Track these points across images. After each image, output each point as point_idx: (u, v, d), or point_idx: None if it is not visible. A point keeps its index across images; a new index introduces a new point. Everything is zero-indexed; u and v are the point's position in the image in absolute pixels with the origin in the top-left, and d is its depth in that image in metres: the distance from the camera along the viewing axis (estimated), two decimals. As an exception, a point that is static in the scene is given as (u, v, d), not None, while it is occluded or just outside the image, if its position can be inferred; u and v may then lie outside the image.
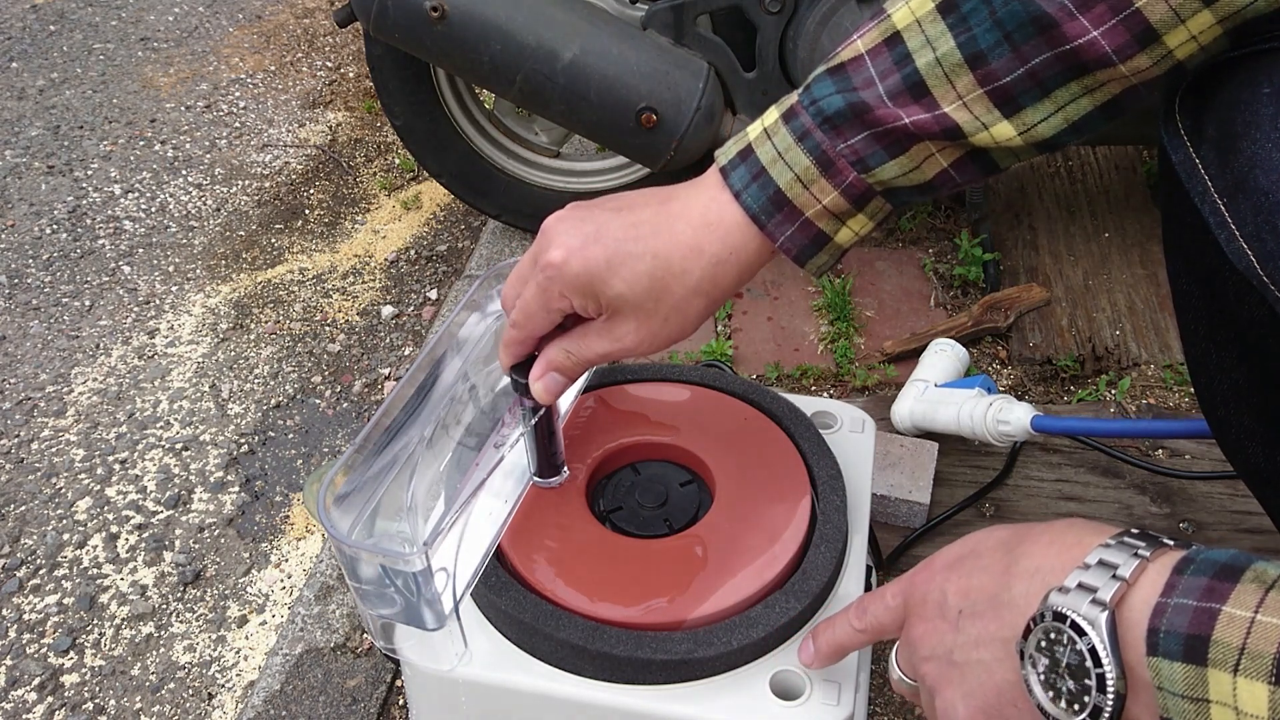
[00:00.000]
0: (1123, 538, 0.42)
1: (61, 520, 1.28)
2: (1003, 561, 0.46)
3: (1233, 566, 0.38)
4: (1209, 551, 0.40)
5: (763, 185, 0.57)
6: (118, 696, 1.07)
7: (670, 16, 1.29)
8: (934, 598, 0.49)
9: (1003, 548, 0.47)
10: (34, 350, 1.57)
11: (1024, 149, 0.54)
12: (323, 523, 0.55)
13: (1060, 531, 0.45)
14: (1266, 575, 0.37)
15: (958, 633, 0.47)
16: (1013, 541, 0.47)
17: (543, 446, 0.66)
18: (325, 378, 1.49)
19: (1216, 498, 1.05)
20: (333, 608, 1.05)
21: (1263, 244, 0.49)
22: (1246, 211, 0.49)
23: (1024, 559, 0.45)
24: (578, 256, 0.56)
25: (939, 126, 0.53)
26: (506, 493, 0.66)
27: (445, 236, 1.78)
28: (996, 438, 1.00)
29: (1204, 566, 0.39)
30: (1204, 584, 0.38)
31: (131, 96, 2.31)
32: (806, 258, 0.59)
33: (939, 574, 0.49)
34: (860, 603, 0.55)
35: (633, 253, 0.57)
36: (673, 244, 0.57)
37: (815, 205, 0.57)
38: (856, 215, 0.58)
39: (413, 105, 1.43)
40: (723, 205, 0.58)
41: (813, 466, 0.71)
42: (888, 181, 0.56)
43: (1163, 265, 1.38)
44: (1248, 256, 0.50)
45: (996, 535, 0.48)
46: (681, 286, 0.58)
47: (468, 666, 0.62)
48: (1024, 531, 0.47)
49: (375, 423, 0.63)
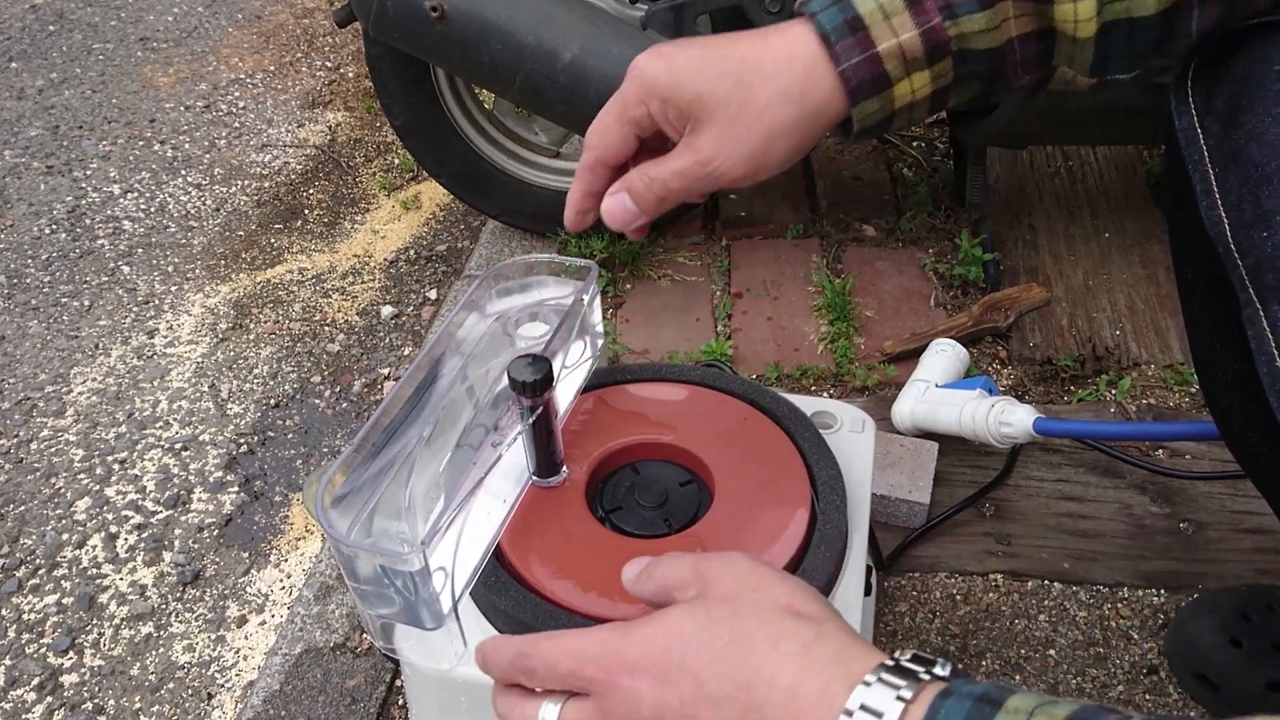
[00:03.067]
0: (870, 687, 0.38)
1: (61, 520, 1.27)
2: (737, 704, 0.39)
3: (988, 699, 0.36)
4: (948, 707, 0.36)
5: (843, 9, 0.53)
6: (117, 696, 1.07)
7: (670, 16, 1.29)
8: (645, 712, 0.41)
9: (730, 680, 0.40)
10: (33, 350, 1.57)
11: (1089, 44, 0.52)
12: (321, 522, 0.55)
13: (797, 673, 0.39)
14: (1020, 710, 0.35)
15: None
16: (742, 674, 0.40)
17: (541, 445, 0.66)
18: (325, 378, 1.49)
19: (1216, 498, 1.05)
20: (332, 608, 1.05)
21: (1241, 213, 0.49)
22: (1234, 181, 0.49)
23: (766, 710, 0.39)
24: (660, 61, 0.54)
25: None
26: (505, 492, 0.66)
27: (445, 236, 1.78)
28: (998, 439, 1.00)
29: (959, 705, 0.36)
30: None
31: (131, 96, 2.31)
32: (861, 97, 0.54)
33: (643, 683, 0.41)
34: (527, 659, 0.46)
35: (718, 55, 0.54)
36: (763, 50, 0.54)
37: (889, 40, 0.53)
38: (923, 70, 0.54)
39: (412, 105, 1.43)
40: (803, 30, 0.54)
41: (813, 466, 0.71)
42: (967, 37, 0.53)
43: (1163, 265, 1.39)
44: (1222, 224, 0.50)
45: (709, 645, 0.41)
46: (768, 89, 0.53)
47: (467, 666, 0.62)
48: (746, 651, 0.40)
49: (374, 423, 0.62)
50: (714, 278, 1.48)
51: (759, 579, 0.44)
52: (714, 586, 0.44)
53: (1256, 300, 0.49)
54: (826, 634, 0.41)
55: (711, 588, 0.44)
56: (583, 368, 0.77)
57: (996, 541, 1.03)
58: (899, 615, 0.97)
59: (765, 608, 0.42)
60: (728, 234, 1.56)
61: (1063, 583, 0.99)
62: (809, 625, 0.41)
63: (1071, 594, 0.98)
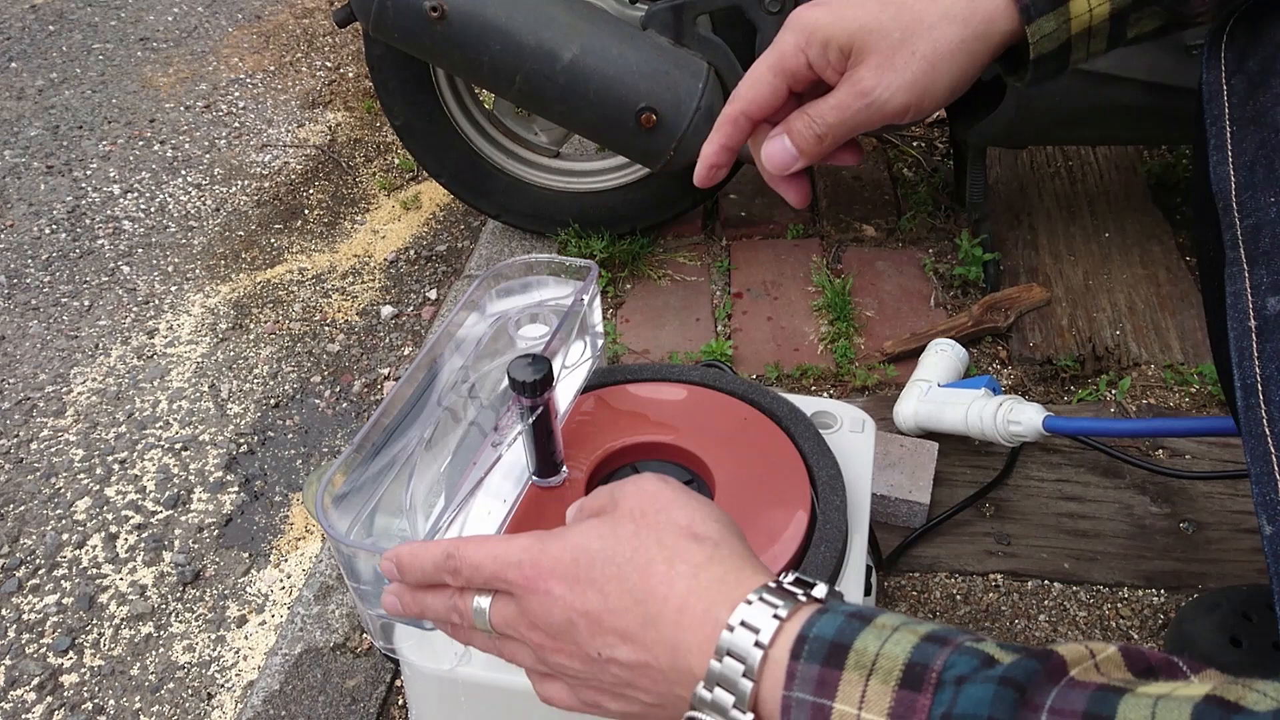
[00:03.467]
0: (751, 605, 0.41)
1: (61, 520, 1.27)
2: (635, 616, 0.43)
3: (839, 646, 0.38)
4: (821, 622, 0.39)
5: None
6: (117, 696, 1.07)
7: (670, 16, 1.29)
8: (558, 619, 0.45)
9: (629, 594, 0.43)
10: (33, 350, 1.57)
11: None
12: (321, 522, 0.55)
13: (687, 591, 0.43)
14: (865, 657, 0.37)
15: (604, 671, 0.44)
16: (639, 590, 0.43)
17: (541, 445, 0.66)
18: (325, 378, 1.49)
19: (1216, 498, 1.05)
20: (332, 608, 1.05)
21: (1251, 174, 0.49)
22: (1251, 141, 0.49)
23: (661, 625, 0.42)
24: (819, 7, 0.53)
25: None
26: (505, 492, 0.66)
27: (445, 236, 1.78)
28: (1006, 438, 1.00)
29: (816, 649, 0.39)
30: (816, 674, 0.38)
31: (131, 96, 2.31)
32: (1036, 12, 0.51)
33: (555, 587, 0.45)
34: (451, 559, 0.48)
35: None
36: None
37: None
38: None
39: (412, 105, 1.43)
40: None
41: (813, 466, 0.71)
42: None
43: (1163, 265, 1.39)
44: (1228, 182, 0.49)
45: (612, 561, 0.44)
46: (932, 11, 0.51)
47: (467, 666, 0.62)
48: (645, 573, 0.44)
49: (374, 423, 0.63)
50: (714, 278, 1.48)
51: (664, 500, 0.47)
52: (622, 503, 0.47)
53: (1244, 259, 0.49)
54: (719, 556, 0.44)
55: (620, 504, 0.47)
56: (583, 368, 0.77)
57: (996, 541, 1.03)
58: (899, 615, 0.97)
59: (666, 528, 0.45)
60: (728, 234, 1.55)
61: (1063, 583, 0.99)
62: (703, 547, 0.44)
63: (1071, 594, 0.98)
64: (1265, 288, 0.47)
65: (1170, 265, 1.39)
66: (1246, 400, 0.47)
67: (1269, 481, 0.46)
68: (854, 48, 0.52)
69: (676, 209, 1.51)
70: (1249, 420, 0.47)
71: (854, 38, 0.52)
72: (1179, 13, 0.53)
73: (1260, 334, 0.47)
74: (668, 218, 1.53)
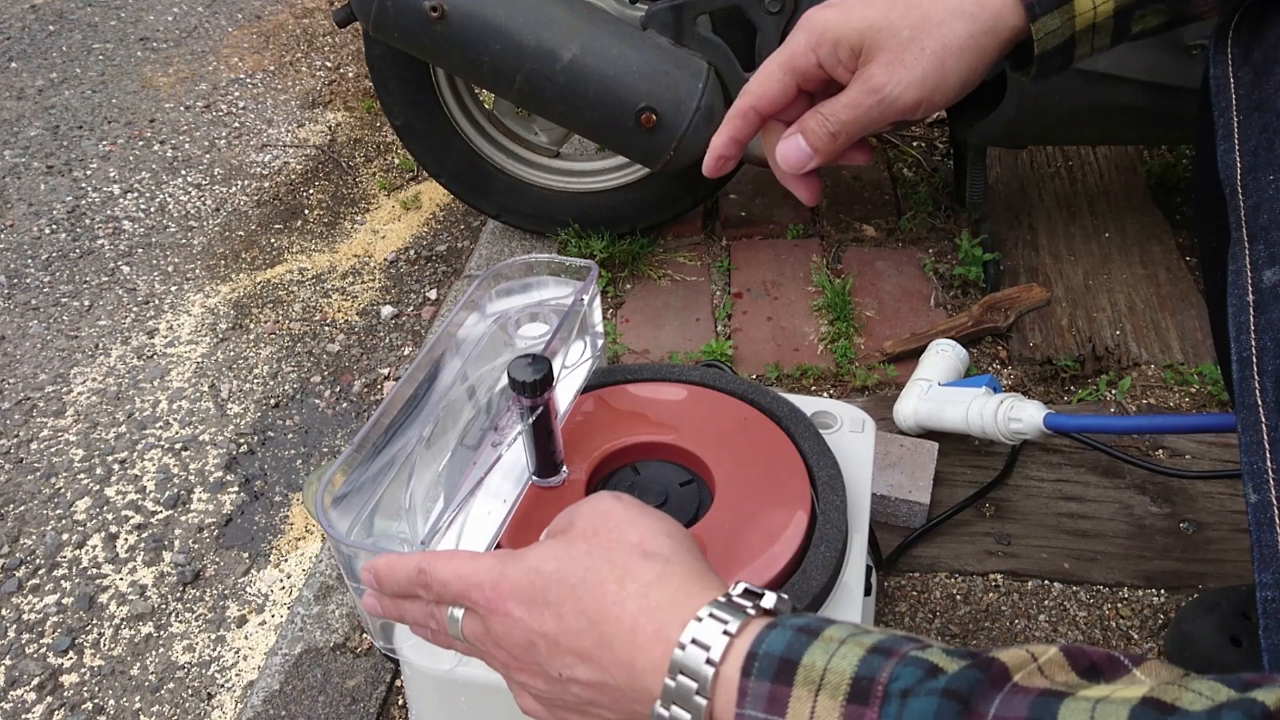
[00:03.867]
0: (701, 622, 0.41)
1: (61, 520, 1.27)
2: (590, 636, 0.44)
3: (788, 662, 0.39)
4: (771, 638, 0.40)
5: None
6: (117, 696, 1.07)
7: (670, 16, 1.29)
8: (519, 640, 0.46)
9: (583, 615, 0.44)
10: (33, 350, 1.57)
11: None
12: (321, 522, 0.55)
13: (638, 610, 0.43)
14: (814, 672, 0.38)
15: (565, 690, 0.45)
16: (593, 611, 0.44)
17: (541, 445, 0.66)
18: (325, 377, 1.49)
19: (1216, 498, 1.05)
20: (332, 608, 1.05)
21: (1255, 158, 0.50)
22: (1255, 127, 0.50)
23: (616, 645, 0.43)
24: (830, 7, 0.54)
25: None
26: (505, 492, 0.66)
27: (445, 236, 1.78)
28: (1007, 436, 1.00)
29: (765, 667, 0.39)
30: (766, 692, 0.38)
31: (131, 96, 2.31)
32: (1041, 10, 0.52)
33: (515, 609, 0.46)
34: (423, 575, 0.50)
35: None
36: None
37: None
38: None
39: (412, 105, 1.43)
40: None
41: (813, 466, 0.71)
42: None
43: (1163, 265, 1.39)
44: (1235, 168, 0.50)
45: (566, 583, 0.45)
46: (940, 7, 0.52)
47: (468, 666, 0.62)
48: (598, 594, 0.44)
49: (374, 423, 0.63)
50: (714, 278, 1.48)
51: (616, 518, 0.48)
52: (577, 523, 0.49)
53: (1246, 238, 0.49)
54: (668, 573, 0.45)
55: (575, 524, 0.49)
56: (583, 368, 0.77)
57: (996, 541, 1.03)
58: (899, 615, 0.97)
59: (618, 547, 0.46)
60: (728, 234, 1.56)
61: (1063, 583, 0.99)
62: (654, 564, 0.45)
63: (1071, 594, 0.98)
64: (1263, 261, 0.48)
65: (1170, 265, 1.39)
66: (1241, 373, 0.48)
67: (1258, 450, 0.47)
68: (864, 46, 0.53)
69: (676, 209, 1.51)
70: (1242, 392, 0.48)
71: (864, 36, 0.53)
72: (1183, 10, 0.54)
73: (1257, 307, 0.48)
74: (668, 218, 1.53)
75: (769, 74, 0.57)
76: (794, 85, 0.57)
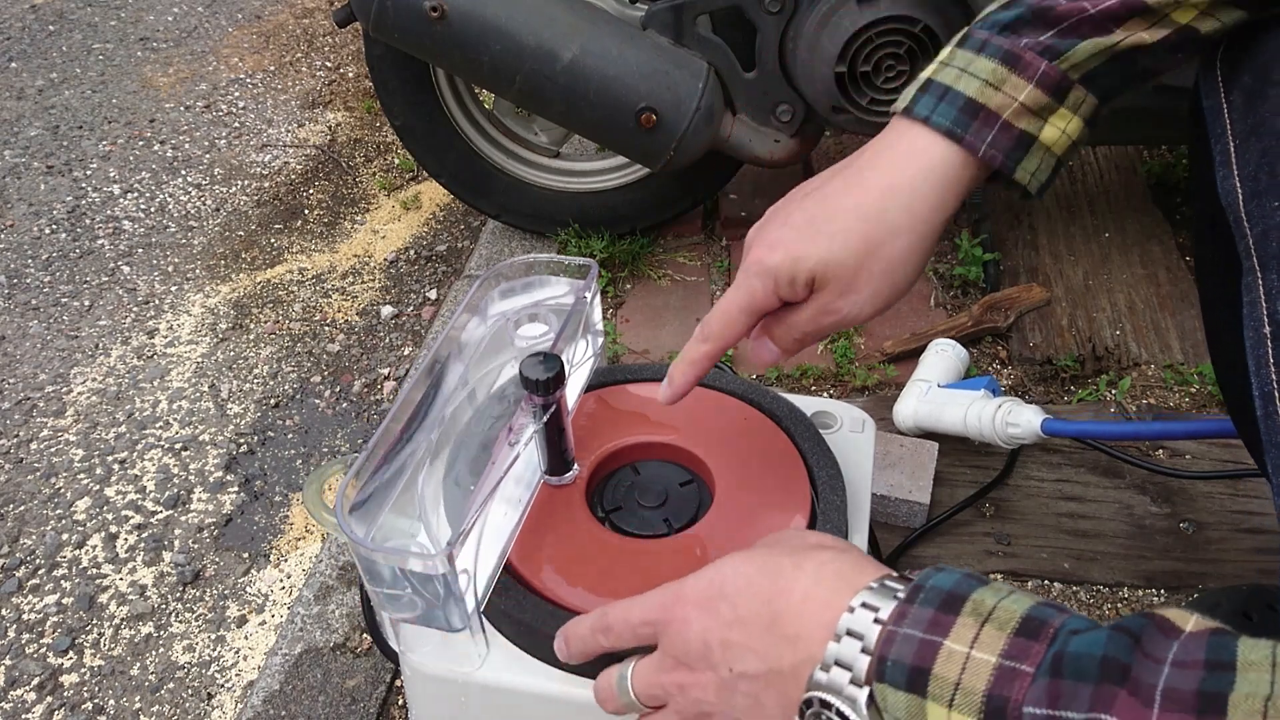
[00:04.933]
0: (874, 590, 0.43)
1: (61, 520, 1.27)
2: (762, 619, 0.45)
3: (955, 596, 0.40)
4: (938, 576, 0.42)
5: (950, 100, 0.55)
6: (117, 696, 1.07)
7: (670, 16, 1.29)
8: (695, 643, 0.47)
9: (758, 599, 0.46)
10: (33, 350, 1.57)
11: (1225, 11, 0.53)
12: (343, 528, 0.55)
13: (812, 584, 0.45)
14: (983, 607, 0.39)
15: (734, 693, 0.46)
16: (768, 592, 0.45)
17: (553, 443, 0.66)
18: (325, 378, 1.49)
19: (1217, 498, 1.05)
20: (332, 608, 1.05)
21: (1256, 183, 0.50)
22: (1253, 152, 0.50)
23: (785, 620, 0.44)
24: (778, 247, 0.57)
25: (1128, 10, 0.52)
26: (519, 492, 0.66)
27: (445, 236, 1.78)
28: (1004, 440, 1.00)
29: (931, 596, 0.40)
30: (930, 616, 0.40)
31: (131, 96, 2.31)
32: (1015, 162, 0.55)
33: (693, 613, 0.48)
34: (604, 617, 0.53)
35: (826, 219, 0.56)
36: (863, 194, 0.56)
37: (1011, 104, 0.54)
38: (1059, 109, 0.55)
39: (412, 105, 1.43)
40: (912, 138, 0.56)
41: (813, 466, 0.71)
42: (1083, 65, 0.54)
43: (1163, 265, 1.39)
44: (1236, 194, 0.50)
45: (744, 575, 0.47)
46: (880, 229, 0.55)
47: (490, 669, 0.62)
48: (775, 576, 0.46)
49: (384, 429, 0.62)
50: (714, 278, 1.48)
51: (793, 533, 0.52)
52: (757, 541, 0.52)
53: (1258, 267, 0.49)
54: (843, 557, 0.46)
55: (755, 542, 0.51)
56: (585, 366, 0.77)
57: (996, 541, 1.03)
58: (899, 615, 0.97)
59: (795, 544, 0.49)
60: (728, 234, 1.55)
61: (1063, 583, 0.99)
62: (829, 551, 0.47)
63: (1071, 594, 0.98)
64: (1277, 292, 0.47)
65: (1170, 265, 1.39)
66: (1265, 408, 0.47)
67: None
68: (817, 279, 0.56)
69: (676, 209, 1.51)
70: (1269, 429, 0.47)
71: (814, 272, 0.56)
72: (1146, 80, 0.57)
73: (1275, 340, 0.47)
74: (668, 218, 1.53)
75: (732, 318, 0.59)
76: (754, 322, 0.60)
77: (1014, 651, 0.37)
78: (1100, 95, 0.56)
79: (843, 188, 0.57)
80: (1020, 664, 0.37)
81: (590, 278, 0.75)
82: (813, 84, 1.27)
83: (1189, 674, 0.34)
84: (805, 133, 1.36)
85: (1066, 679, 0.35)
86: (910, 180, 0.55)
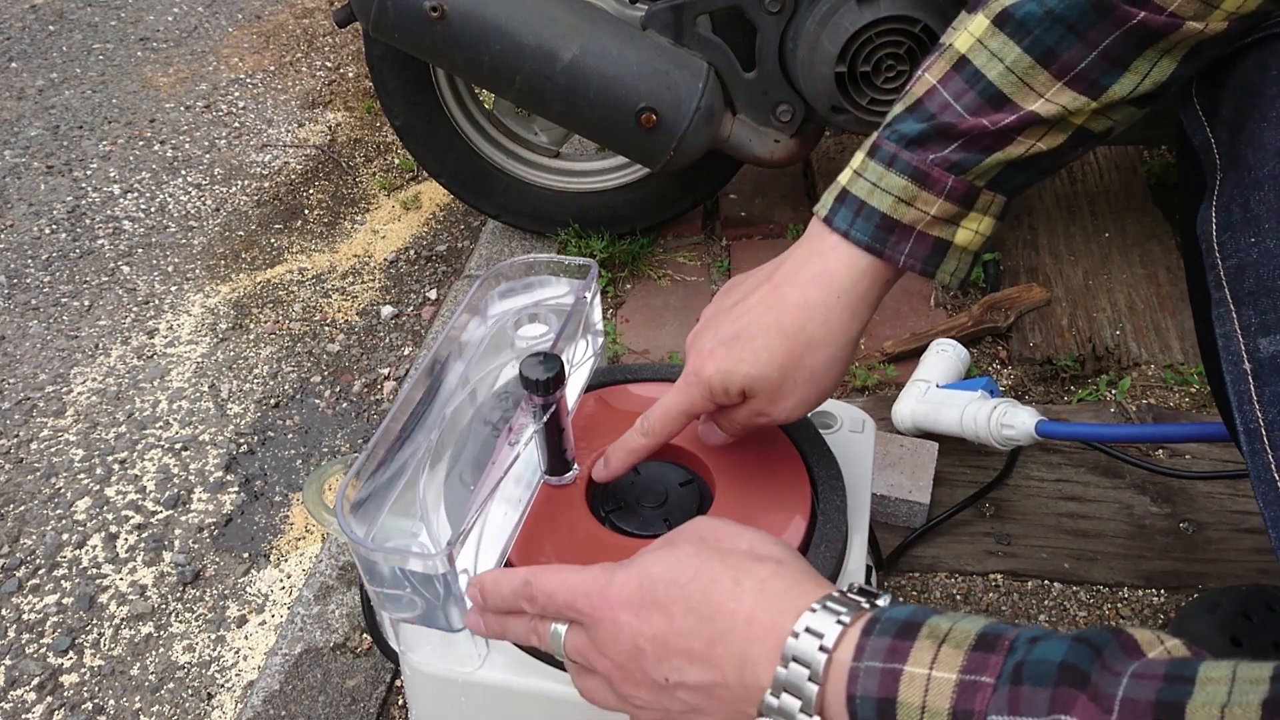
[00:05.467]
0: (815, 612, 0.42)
1: (61, 520, 1.27)
2: (702, 635, 0.44)
3: (911, 624, 0.40)
4: (892, 610, 0.42)
5: (867, 216, 0.59)
6: (117, 696, 1.07)
7: (670, 16, 1.29)
8: (625, 645, 0.46)
9: (695, 614, 0.45)
10: (33, 350, 1.57)
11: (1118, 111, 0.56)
12: (344, 529, 0.55)
13: (754, 604, 0.44)
14: (939, 629, 0.40)
15: (670, 698, 0.46)
16: (706, 608, 0.44)
17: (553, 443, 0.66)
18: (325, 378, 1.49)
19: (1216, 498, 1.05)
20: (332, 608, 1.05)
21: (1229, 215, 0.50)
22: (1230, 184, 0.51)
23: (729, 639, 0.43)
24: (710, 361, 0.62)
25: (1024, 124, 0.56)
26: (519, 492, 0.66)
27: (445, 236, 1.78)
28: (1000, 442, 1.00)
29: (887, 626, 0.41)
30: (887, 645, 0.40)
31: (131, 96, 2.31)
32: (934, 267, 0.60)
33: (622, 616, 0.46)
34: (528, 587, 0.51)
35: (750, 337, 0.61)
36: (782, 313, 0.61)
37: (924, 218, 0.58)
38: (969, 214, 0.59)
39: (412, 105, 1.43)
40: (829, 251, 0.61)
41: (813, 466, 0.71)
42: (987, 173, 0.57)
43: (1163, 265, 1.39)
44: (1210, 225, 0.51)
45: (677, 584, 0.46)
46: (799, 345, 0.60)
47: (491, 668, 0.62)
48: (710, 589, 0.45)
49: (384, 428, 0.62)
50: (714, 278, 1.48)
51: (722, 529, 0.50)
52: (679, 535, 0.50)
53: (1230, 300, 0.50)
54: (782, 572, 0.46)
55: (677, 537, 0.50)
56: (585, 366, 0.77)
57: (996, 541, 1.03)
58: (899, 615, 0.97)
59: (729, 552, 0.47)
60: (728, 234, 1.56)
61: (1063, 583, 0.99)
62: (766, 565, 0.46)
63: (1071, 594, 0.98)
64: (1255, 329, 0.48)
65: (1170, 265, 1.39)
66: (1251, 445, 0.48)
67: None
68: (746, 390, 0.62)
69: (676, 209, 1.51)
70: (1256, 466, 0.47)
71: (743, 385, 0.61)
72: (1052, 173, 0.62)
73: (1257, 377, 0.48)
74: (668, 218, 1.53)
75: (672, 419, 0.65)
76: (690, 422, 0.66)
77: (972, 666, 0.38)
78: (1008, 193, 0.60)
79: (763, 305, 0.62)
80: (980, 676, 0.37)
81: (590, 278, 0.74)
82: (813, 84, 1.28)
83: (1147, 685, 0.34)
84: (805, 133, 1.36)
85: (1026, 685, 0.36)
86: (825, 299, 0.60)
